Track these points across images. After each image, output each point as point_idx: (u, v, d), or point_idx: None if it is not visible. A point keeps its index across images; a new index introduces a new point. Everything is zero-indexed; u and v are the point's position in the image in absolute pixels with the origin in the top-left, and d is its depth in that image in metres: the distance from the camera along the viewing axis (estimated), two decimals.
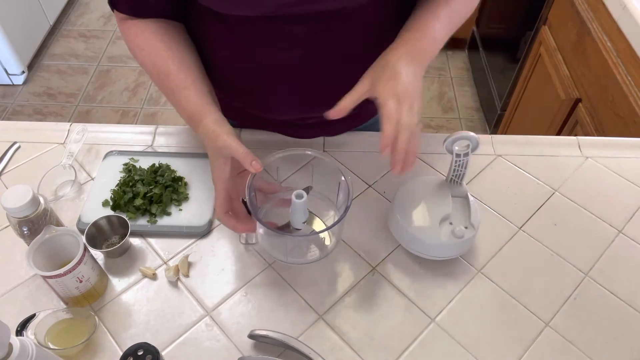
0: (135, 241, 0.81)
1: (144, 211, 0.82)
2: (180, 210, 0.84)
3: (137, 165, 0.89)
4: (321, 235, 0.76)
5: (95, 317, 0.69)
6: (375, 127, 0.98)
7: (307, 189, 0.73)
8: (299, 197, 0.67)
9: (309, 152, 0.73)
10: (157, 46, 0.75)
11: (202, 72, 0.78)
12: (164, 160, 0.90)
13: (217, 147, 0.68)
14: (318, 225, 0.78)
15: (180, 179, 0.87)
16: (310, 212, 0.73)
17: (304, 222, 0.71)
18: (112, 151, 0.92)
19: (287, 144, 0.94)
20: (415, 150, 0.65)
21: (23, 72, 2.59)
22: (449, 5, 0.74)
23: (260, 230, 0.73)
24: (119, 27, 0.80)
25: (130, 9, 0.76)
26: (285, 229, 0.73)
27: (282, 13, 0.70)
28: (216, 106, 0.74)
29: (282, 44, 0.75)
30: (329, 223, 0.77)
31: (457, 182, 0.81)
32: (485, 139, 0.96)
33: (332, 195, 0.77)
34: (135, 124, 2.41)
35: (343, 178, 0.70)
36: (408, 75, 0.65)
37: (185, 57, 0.76)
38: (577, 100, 1.49)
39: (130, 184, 0.85)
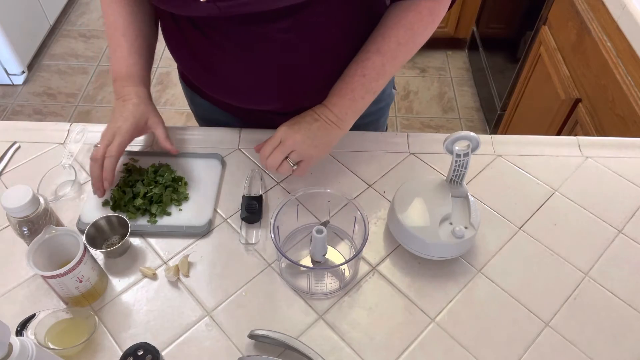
0: (135, 241, 0.81)
1: (144, 211, 0.82)
2: (180, 210, 0.84)
3: (137, 165, 0.89)
4: (340, 267, 0.78)
5: (95, 317, 0.69)
6: (371, 127, 0.98)
7: (325, 223, 0.77)
8: (319, 232, 0.71)
9: (329, 191, 0.78)
10: (124, 7, 0.85)
11: (149, 40, 0.88)
12: (164, 160, 0.90)
13: (140, 116, 0.83)
14: (336, 257, 0.80)
15: (180, 179, 0.87)
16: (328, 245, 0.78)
17: (323, 255, 0.75)
18: None
19: None
20: (281, 172, 0.81)
21: (23, 72, 2.59)
22: (380, 54, 0.78)
23: (283, 264, 0.76)
24: None
25: None
26: (306, 262, 0.76)
27: (229, 15, 0.71)
28: (145, 76, 0.87)
29: (247, 45, 0.77)
30: (346, 255, 0.79)
31: (457, 182, 0.81)
32: (485, 139, 0.96)
33: (348, 228, 0.80)
34: None
35: (359, 212, 0.73)
36: (307, 129, 0.79)
37: (142, 27, 0.86)
38: (577, 100, 1.49)
39: (130, 184, 0.85)
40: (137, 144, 0.95)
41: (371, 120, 1.01)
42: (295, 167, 0.80)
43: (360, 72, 0.78)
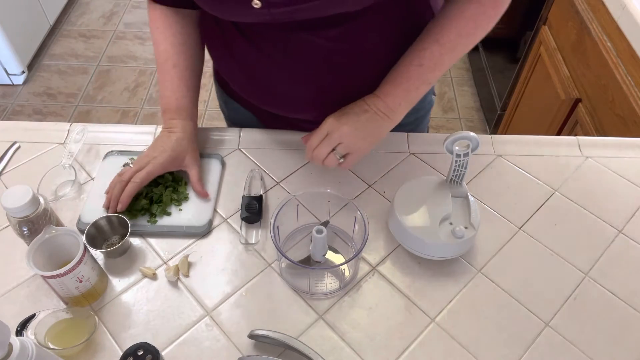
0: (135, 241, 0.81)
1: (144, 211, 0.82)
2: (180, 210, 0.84)
3: None
4: (340, 267, 0.78)
5: (95, 317, 0.69)
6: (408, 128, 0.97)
7: (325, 224, 0.78)
8: (319, 232, 0.70)
9: (329, 191, 0.77)
10: (175, 35, 0.84)
11: (198, 71, 0.88)
12: None
13: (179, 152, 0.84)
14: (336, 257, 0.79)
15: (180, 178, 0.87)
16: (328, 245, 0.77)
17: (323, 255, 0.74)
18: (112, 151, 0.92)
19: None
20: (327, 165, 0.79)
21: (23, 72, 2.59)
22: (439, 44, 0.75)
23: (283, 264, 0.76)
24: (148, 9, 0.88)
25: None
26: (306, 262, 0.76)
27: (279, 21, 0.71)
28: (194, 110, 0.87)
29: (293, 51, 0.76)
30: (346, 255, 0.79)
31: (457, 182, 0.81)
32: (485, 139, 0.96)
33: (348, 228, 0.80)
34: (135, 124, 2.41)
35: (359, 213, 0.73)
36: (355, 121, 0.77)
37: (192, 55, 0.85)
38: (577, 100, 1.49)
39: None
40: (137, 144, 0.95)
41: (410, 129, 0.98)
42: (342, 160, 0.78)
43: (417, 61, 0.76)
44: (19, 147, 0.94)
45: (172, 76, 0.84)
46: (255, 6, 0.68)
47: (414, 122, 0.99)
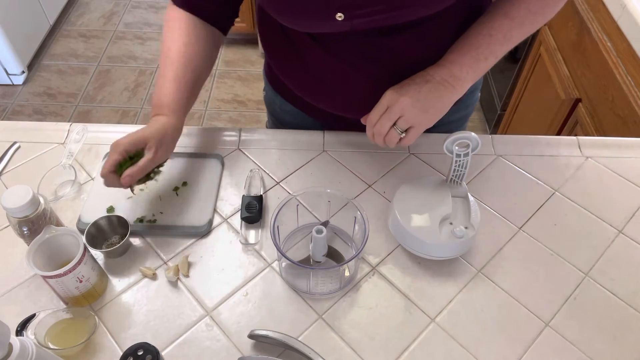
0: (135, 241, 0.81)
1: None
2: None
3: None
4: (340, 267, 0.77)
5: (95, 317, 0.69)
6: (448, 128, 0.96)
7: (325, 224, 0.77)
8: (319, 232, 0.70)
9: (329, 191, 0.77)
10: (182, 37, 0.82)
11: (196, 74, 0.84)
12: None
13: (142, 137, 0.76)
14: (336, 257, 0.79)
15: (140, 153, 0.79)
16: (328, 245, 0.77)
17: (323, 255, 0.74)
18: None
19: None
20: (388, 142, 0.76)
21: (23, 72, 2.59)
22: (509, 18, 0.74)
23: (283, 264, 0.76)
24: (167, 9, 0.87)
25: (183, 3, 0.83)
26: (306, 262, 0.76)
27: (358, 30, 0.71)
28: (176, 108, 0.82)
29: (366, 56, 0.77)
30: (346, 255, 0.79)
31: (457, 182, 0.81)
32: (485, 139, 0.96)
33: (348, 228, 0.80)
34: (135, 124, 2.41)
35: (359, 213, 0.73)
36: (415, 92, 0.73)
37: (194, 59, 0.83)
38: (577, 100, 1.49)
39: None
40: None
41: (455, 127, 0.98)
42: (404, 134, 0.75)
43: (486, 31, 0.73)
44: (19, 147, 0.94)
45: (166, 73, 0.82)
46: (339, 19, 0.69)
47: (461, 119, 0.99)
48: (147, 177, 0.79)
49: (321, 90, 0.86)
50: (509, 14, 0.74)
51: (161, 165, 0.82)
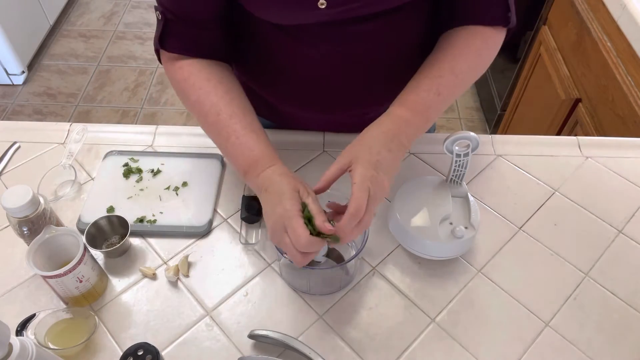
0: (135, 241, 0.81)
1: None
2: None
3: (137, 165, 0.89)
4: (340, 267, 0.77)
5: (95, 317, 0.69)
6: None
7: None
8: None
9: (329, 191, 0.75)
10: (217, 87, 0.73)
11: (254, 112, 0.76)
12: (164, 160, 0.90)
13: (292, 191, 0.65)
14: (336, 257, 0.79)
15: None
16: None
17: (323, 255, 0.74)
18: (112, 151, 0.92)
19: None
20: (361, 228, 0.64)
21: (23, 72, 2.59)
22: (454, 75, 0.72)
23: (283, 264, 0.76)
24: (166, 67, 0.77)
25: (182, 49, 0.75)
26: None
27: (336, 19, 0.71)
28: (272, 152, 0.72)
29: (341, 44, 0.76)
30: (346, 255, 0.78)
31: (457, 182, 0.81)
32: (485, 139, 0.96)
33: None
34: (135, 124, 2.41)
35: None
36: (388, 167, 0.65)
37: (243, 100, 0.75)
38: (577, 100, 1.49)
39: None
40: (137, 144, 0.95)
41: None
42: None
43: (435, 89, 0.71)
44: (19, 147, 0.94)
45: (232, 129, 0.71)
46: (322, 7, 0.67)
47: None
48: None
49: (291, 86, 0.84)
50: (454, 70, 0.72)
51: None
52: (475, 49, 0.75)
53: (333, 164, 0.68)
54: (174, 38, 0.74)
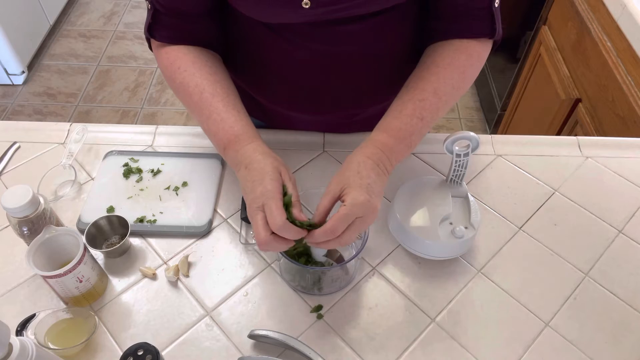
0: (135, 241, 0.81)
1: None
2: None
3: (137, 165, 0.89)
4: (340, 267, 0.77)
5: (95, 317, 0.69)
6: None
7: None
8: None
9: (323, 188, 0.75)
10: (202, 69, 0.74)
11: (237, 93, 0.77)
12: (164, 160, 0.90)
13: (266, 178, 0.65)
14: (336, 257, 0.79)
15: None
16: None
17: (323, 255, 0.74)
18: (112, 151, 0.92)
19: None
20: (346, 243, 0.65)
21: (23, 72, 2.59)
22: (437, 97, 0.72)
23: (283, 264, 0.76)
24: (155, 53, 0.79)
25: (171, 39, 0.76)
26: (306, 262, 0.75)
27: (325, 19, 0.71)
28: (253, 131, 0.72)
29: (329, 44, 0.76)
30: (346, 255, 0.78)
31: (457, 182, 0.81)
32: (485, 139, 0.96)
33: None
34: (135, 124, 2.41)
35: None
36: (378, 190, 0.66)
37: (228, 83, 0.76)
38: (577, 100, 1.49)
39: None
40: (137, 144, 0.95)
41: None
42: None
43: (418, 113, 0.71)
44: (19, 147, 0.94)
45: (215, 107, 0.72)
46: (305, 6, 0.68)
47: None
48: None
49: (280, 86, 0.84)
50: (437, 92, 0.72)
51: None
52: (459, 67, 0.74)
53: (324, 195, 0.66)
54: (163, 28, 0.76)
